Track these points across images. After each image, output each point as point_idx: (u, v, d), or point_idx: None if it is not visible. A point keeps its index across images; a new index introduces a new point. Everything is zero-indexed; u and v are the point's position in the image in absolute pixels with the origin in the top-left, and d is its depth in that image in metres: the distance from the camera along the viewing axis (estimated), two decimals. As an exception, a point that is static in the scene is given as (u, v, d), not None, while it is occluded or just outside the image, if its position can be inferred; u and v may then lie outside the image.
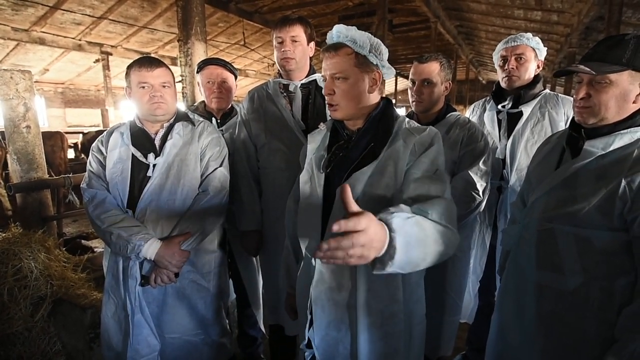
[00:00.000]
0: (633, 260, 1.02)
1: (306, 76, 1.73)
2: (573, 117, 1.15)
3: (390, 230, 0.79)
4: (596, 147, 1.07)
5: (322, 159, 1.21)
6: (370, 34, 1.14)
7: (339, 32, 1.13)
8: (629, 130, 1.04)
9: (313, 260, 1.19)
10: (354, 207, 0.77)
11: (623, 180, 1.00)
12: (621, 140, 1.04)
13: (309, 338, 1.26)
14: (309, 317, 1.24)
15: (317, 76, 1.75)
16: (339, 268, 1.15)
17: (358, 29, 1.15)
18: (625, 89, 1.03)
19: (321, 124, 1.33)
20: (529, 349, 1.22)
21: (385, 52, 1.17)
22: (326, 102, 1.18)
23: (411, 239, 0.83)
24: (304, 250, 1.24)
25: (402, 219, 0.83)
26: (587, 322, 1.08)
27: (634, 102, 1.04)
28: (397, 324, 1.16)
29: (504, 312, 1.34)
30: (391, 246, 0.79)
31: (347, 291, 1.15)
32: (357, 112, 1.16)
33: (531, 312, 1.20)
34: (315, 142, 1.28)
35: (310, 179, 1.23)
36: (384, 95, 1.25)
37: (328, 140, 1.25)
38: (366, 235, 0.74)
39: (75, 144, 6.96)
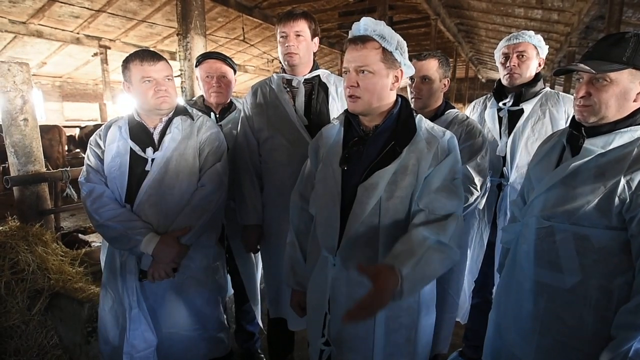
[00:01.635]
0: (631, 260, 1.02)
1: (310, 71, 1.72)
2: (574, 116, 1.16)
3: (401, 278, 0.97)
4: (596, 145, 1.07)
5: (338, 154, 1.21)
6: (393, 31, 1.14)
7: (366, 25, 1.12)
8: (629, 128, 1.04)
9: (332, 257, 1.19)
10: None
11: (622, 179, 1.00)
12: (621, 138, 1.04)
13: (325, 336, 1.25)
14: (326, 314, 1.24)
15: (320, 72, 1.74)
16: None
17: None
18: (626, 88, 1.02)
19: (333, 118, 1.33)
20: (525, 346, 1.23)
21: (406, 49, 1.17)
22: (347, 94, 1.16)
23: (416, 277, 1.01)
24: (321, 247, 1.24)
25: (411, 266, 0.99)
26: (584, 320, 1.08)
27: (634, 101, 1.04)
28: (411, 315, 1.18)
29: (501, 309, 1.34)
30: (400, 290, 0.98)
31: (366, 288, 1.15)
32: (376, 108, 1.16)
33: (528, 309, 1.20)
34: (330, 138, 1.27)
35: (327, 176, 1.22)
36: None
37: (342, 135, 1.24)
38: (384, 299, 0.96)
39: (71, 137, 6.88)
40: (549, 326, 1.16)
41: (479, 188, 1.60)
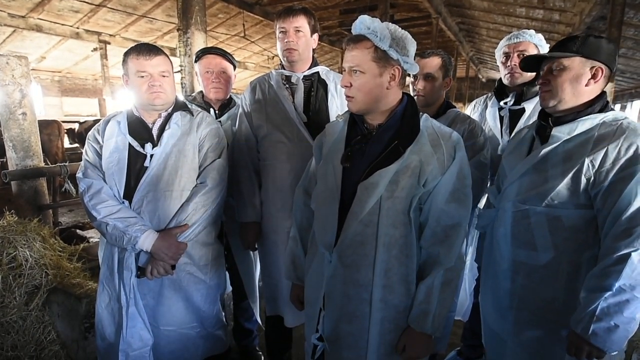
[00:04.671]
0: (596, 236, 1.18)
1: (309, 68, 1.71)
2: (542, 109, 1.32)
3: (429, 334, 1.15)
4: (562, 132, 1.21)
5: (341, 152, 1.20)
6: (396, 27, 1.12)
7: (362, 23, 1.11)
8: (589, 116, 1.19)
9: (328, 254, 1.19)
10: None
11: (586, 159, 1.15)
12: (583, 125, 1.19)
13: (319, 332, 1.26)
14: (321, 310, 1.24)
15: (319, 68, 1.73)
16: (356, 264, 1.16)
17: None
18: (578, 73, 1.19)
19: (338, 115, 1.32)
20: (503, 322, 1.35)
21: (411, 46, 1.14)
22: (344, 93, 1.17)
23: (440, 322, 1.16)
24: (319, 244, 1.24)
25: (430, 322, 1.13)
26: (556, 292, 1.23)
27: (586, 85, 1.20)
28: (407, 316, 1.18)
29: (481, 290, 1.46)
30: (434, 339, 1.19)
31: (362, 286, 1.16)
32: (375, 106, 1.15)
33: (506, 287, 1.33)
34: (333, 135, 1.26)
35: (327, 172, 1.22)
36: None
37: (346, 133, 1.23)
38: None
39: (70, 130, 6.85)
40: (525, 301, 1.29)
41: (479, 186, 1.61)
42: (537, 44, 1.78)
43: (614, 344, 1.06)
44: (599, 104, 1.21)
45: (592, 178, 1.14)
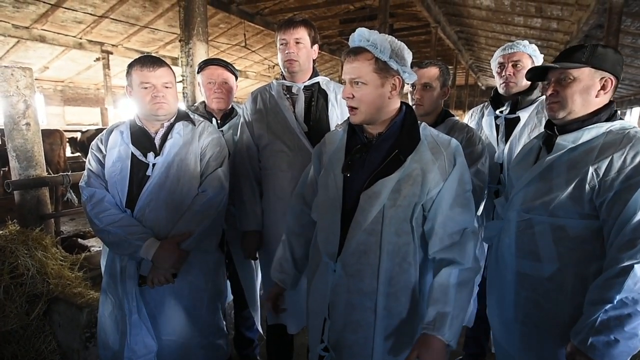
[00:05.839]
0: (603, 247, 1.12)
1: (309, 78, 1.74)
2: (548, 119, 1.29)
3: (446, 340, 1.06)
4: (567, 140, 1.19)
5: (341, 161, 1.21)
6: (393, 38, 1.14)
7: (360, 35, 1.12)
8: (595, 125, 1.16)
9: (332, 264, 1.20)
10: None
11: (590, 168, 1.12)
12: (589, 134, 1.16)
13: (324, 342, 1.26)
14: (325, 320, 1.24)
15: (320, 78, 1.76)
16: (360, 273, 1.16)
17: None
18: (587, 84, 1.16)
19: (337, 124, 1.33)
20: (509, 336, 1.31)
21: (408, 56, 1.16)
22: (346, 105, 1.18)
23: (457, 326, 1.08)
24: (322, 253, 1.24)
25: (448, 325, 1.06)
26: (561, 306, 1.17)
27: (596, 97, 1.17)
28: (411, 324, 1.18)
29: (489, 306, 1.42)
30: (449, 345, 1.07)
31: (366, 295, 1.16)
32: (377, 117, 1.16)
33: (510, 299, 1.29)
34: (333, 144, 1.27)
35: (328, 182, 1.23)
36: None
37: (345, 142, 1.24)
38: None
39: (72, 139, 6.88)
40: (530, 314, 1.24)
41: (478, 194, 1.62)
42: (531, 54, 1.81)
43: None
44: (605, 112, 1.18)
45: (597, 187, 1.10)
